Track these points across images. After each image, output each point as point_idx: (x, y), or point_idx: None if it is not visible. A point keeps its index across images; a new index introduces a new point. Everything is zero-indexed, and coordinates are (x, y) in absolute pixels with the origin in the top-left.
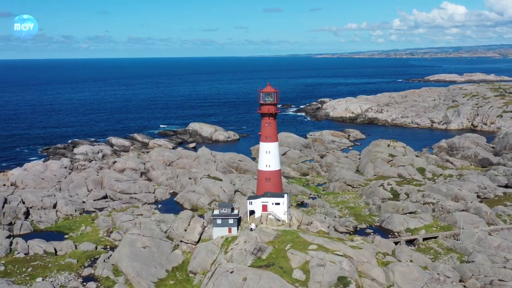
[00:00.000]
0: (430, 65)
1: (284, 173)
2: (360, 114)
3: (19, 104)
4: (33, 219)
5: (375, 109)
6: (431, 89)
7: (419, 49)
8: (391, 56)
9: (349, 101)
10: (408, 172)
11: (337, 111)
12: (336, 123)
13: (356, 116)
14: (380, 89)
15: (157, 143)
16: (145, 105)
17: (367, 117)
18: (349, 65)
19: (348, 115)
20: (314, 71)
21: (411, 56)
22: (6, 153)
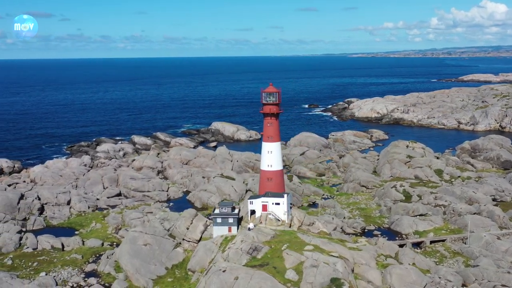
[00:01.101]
0: (466, 65)
1: (300, 173)
2: (385, 114)
3: (52, 102)
4: (47, 215)
5: (401, 109)
6: (461, 89)
7: (457, 48)
8: (427, 56)
9: (376, 101)
10: (425, 174)
11: (363, 111)
12: (361, 123)
13: (381, 117)
14: (411, 89)
15: (178, 142)
16: (174, 104)
17: (393, 117)
18: (383, 64)
19: (373, 115)
20: (346, 71)
21: (448, 55)
22: (33, 151)
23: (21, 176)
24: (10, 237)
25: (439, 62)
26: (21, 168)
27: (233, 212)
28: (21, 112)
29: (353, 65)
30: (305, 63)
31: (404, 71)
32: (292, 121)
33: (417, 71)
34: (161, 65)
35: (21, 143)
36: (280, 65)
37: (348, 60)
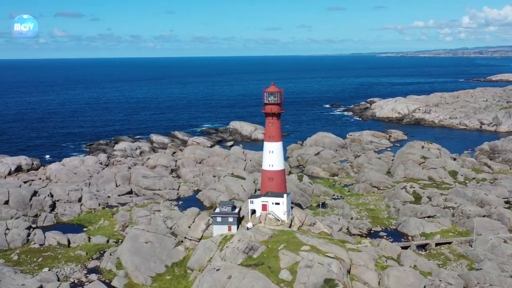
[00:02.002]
0: (497, 64)
1: (313, 173)
2: (406, 114)
3: (78, 101)
4: (58, 212)
5: (423, 109)
6: (486, 89)
7: (489, 47)
8: (458, 55)
9: (398, 101)
10: (438, 175)
11: (384, 111)
12: (382, 123)
13: (402, 117)
14: (437, 89)
15: (195, 141)
16: (196, 103)
17: (414, 117)
18: (412, 64)
19: (394, 115)
20: (374, 70)
21: (479, 55)
22: (54, 148)
23: (37, 174)
24: (18, 233)
25: (469, 62)
26: (39, 165)
27: (233, 211)
28: (46, 111)
29: (381, 64)
30: (332, 62)
31: (432, 70)
32: (312, 121)
33: (446, 71)
34: (189, 64)
35: (43, 141)
36: (308, 64)
37: (376, 60)
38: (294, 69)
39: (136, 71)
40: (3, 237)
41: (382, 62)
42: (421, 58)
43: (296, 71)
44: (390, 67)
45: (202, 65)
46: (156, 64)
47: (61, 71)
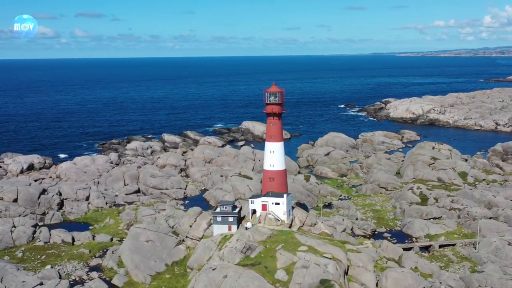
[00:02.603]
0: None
1: (322, 174)
2: (421, 115)
3: (95, 101)
4: (65, 210)
5: (437, 110)
6: (503, 89)
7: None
8: (479, 55)
9: (413, 102)
10: (448, 176)
11: (398, 112)
12: (396, 123)
13: (416, 117)
14: (455, 89)
15: (206, 141)
16: (211, 103)
17: (428, 118)
18: (432, 64)
19: (408, 116)
20: (393, 70)
21: (501, 54)
22: (67, 147)
23: (49, 172)
24: (24, 230)
25: (490, 62)
26: (51, 164)
27: (234, 211)
28: (63, 111)
29: (401, 64)
30: (352, 62)
31: (452, 70)
32: (326, 121)
33: (466, 71)
34: (208, 64)
35: (58, 140)
36: (327, 64)
37: (396, 60)
38: (313, 69)
39: (155, 71)
40: (9, 235)
41: (401, 62)
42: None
43: (314, 71)
44: (409, 67)
45: (221, 65)
46: (174, 64)
47: (81, 71)
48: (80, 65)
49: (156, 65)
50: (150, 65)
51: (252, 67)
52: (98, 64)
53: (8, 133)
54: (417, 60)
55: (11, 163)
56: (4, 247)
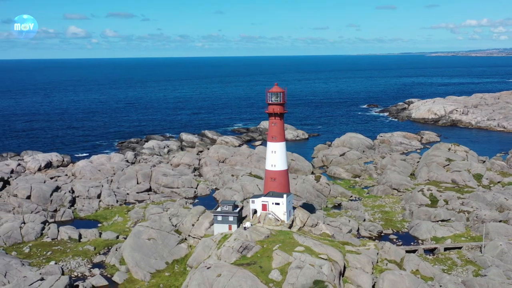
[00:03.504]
0: None
1: (335, 174)
2: (443, 115)
3: (120, 100)
4: (76, 207)
5: (460, 110)
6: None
7: None
8: None
9: (436, 102)
10: (462, 178)
11: (420, 112)
12: (417, 124)
13: (438, 118)
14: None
15: (224, 140)
16: (234, 103)
17: (450, 119)
18: (462, 64)
19: (430, 117)
20: (420, 70)
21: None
22: (87, 145)
23: (65, 170)
24: (33, 227)
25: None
26: (69, 162)
27: (234, 210)
28: (88, 110)
29: (430, 64)
30: (380, 62)
31: (482, 70)
32: (346, 121)
33: (496, 71)
34: (236, 64)
35: (79, 138)
36: (355, 64)
37: (425, 59)
38: (339, 69)
39: (183, 71)
40: (18, 231)
41: (431, 62)
42: (472, 57)
43: (341, 71)
44: (438, 67)
45: (248, 64)
46: (203, 64)
47: (111, 70)
48: (110, 64)
49: (185, 65)
50: (179, 65)
51: (279, 67)
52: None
53: (32, 131)
54: (447, 60)
55: (29, 161)
56: (12, 243)
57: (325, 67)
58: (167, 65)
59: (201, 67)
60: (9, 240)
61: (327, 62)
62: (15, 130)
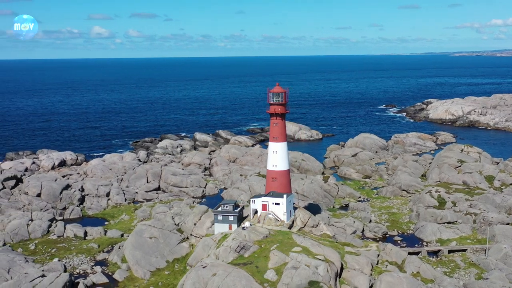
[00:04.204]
0: None
1: (346, 175)
2: (460, 116)
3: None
4: (85, 205)
5: (478, 111)
6: None
7: None
8: None
9: (454, 102)
10: (474, 180)
11: (437, 113)
12: (434, 125)
13: (456, 119)
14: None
15: (237, 140)
16: (251, 103)
17: (468, 119)
18: (486, 64)
19: (447, 117)
20: (443, 70)
21: None
22: (102, 144)
23: (77, 169)
24: (40, 224)
25: None
26: (83, 160)
27: (234, 210)
28: (107, 109)
29: (454, 64)
30: (403, 62)
31: (506, 71)
32: (362, 121)
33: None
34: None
35: (96, 137)
36: (376, 64)
37: (449, 59)
38: (361, 69)
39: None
40: (25, 228)
41: (454, 62)
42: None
43: (362, 71)
44: (462, 67)
45: (270, 64)
46: (224, 64)
47: (134, 70)
48: (133, 64)
49: (207, 64)
50: (200, 64)
51: (300, 66)
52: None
53: (50, 130)
54: (471, 60)
55: (44, 159)
56: (19, 240)
57: (347, 67)
58: (189, 65)
59: (223, 67)
60: (16, 237)
61: (349, 62)
62: (33, 129)
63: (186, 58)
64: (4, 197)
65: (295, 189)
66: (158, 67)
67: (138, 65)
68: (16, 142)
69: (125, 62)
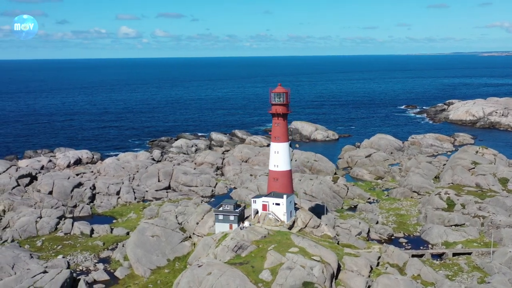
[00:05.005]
0: None
1: (358, 176)
2: (481, 117)
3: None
4: (95, 203)
5: (500, 112)
6: None
7: None
8: None
9: (476, 103)
10: (487, 182)
11: (457, 114)
12: (454, 126)
13: (476, 120)
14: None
15: (253, 140)
16: None
17: (489, 121)
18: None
19: (468, 118)
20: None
21: None
22: (119, 143)
23: (92, 167)
24: (48, 221)
25: None
26: (98, 159)
27: (235, 210)
28: (128, 109)
29: (482, 64)
30: (430, 62)
31: None
32: (380, 122)
33: None
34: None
35: (114, 136)
36: (403, 64)
37: (478, 59)
38: (387, 68)
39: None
40: (33, 225)
41: (483, 62)
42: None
43: (388, 71)
44: (490, 67)
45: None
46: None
47: (159, 70)
48: (159, 64)
49: (232, 64)
50: (226, 64)
51: (325, 66)
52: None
53: (70, 129)
54: (500, 60)
55: (60, 158)
56: (27, 236)
57: (372, 67)
58: (215, 65)
59: (248, 66)
60: (24, 234)
61: (375, 62)
62: (54, 128)
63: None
64: (18, 194)
65: (304, 190)
66: (183, 67)
67: (164, 65)
68: (36, 140)
69: (152, 62)
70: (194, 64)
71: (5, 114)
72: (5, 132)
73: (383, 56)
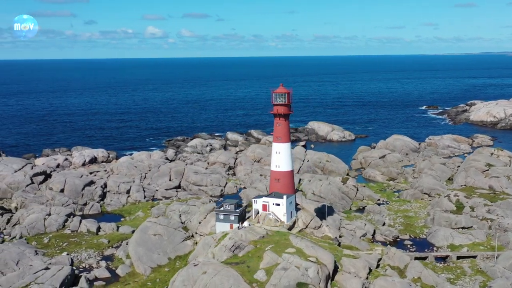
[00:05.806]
0: None
1: (370, 177)
2: (503, 118)
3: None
4: (105, 202)
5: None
6: None
7: None
8: None
9: (499, 104)
10: (500, 185)
11: (478, 115)
12: (475, 127)
13: (497, 121)
14: None
15: (268, 140)
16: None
17: (510, 122)
18: None
19: (489, 119)
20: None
21: None
22: (136, 143)
23: (106, 166)
24: (56, 219)
25: None
26: (114, 158)
27: (236, 209)
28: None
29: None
30: (457, 62)
31: None
32: (399, 123)
33: None
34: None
35: (132, 135)
36: (429, 64)
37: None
38: (412, 69)
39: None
40: (41, 222)
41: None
42: None
43: (413, 71)
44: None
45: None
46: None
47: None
48: (185, 64)
49: (257, 64)
50: (251, 64)
51: (350, 66)
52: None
53: (90, 128)
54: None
55: (76, 156)
56: (35, 233)
57: (398, 67)
58: (240, 65)
59: (272, 66)
60: (33, 231)
61: (401, 62)
62: (74, 127)
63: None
64: (31, 192)
65: (312, 190)
66: (209, 67)
67: (189, 65)
68: (56, 139)
69: (177, 62)
70: (220, 64)
71: (30, 113)
72: (27, 131)
73: (410, 56)
